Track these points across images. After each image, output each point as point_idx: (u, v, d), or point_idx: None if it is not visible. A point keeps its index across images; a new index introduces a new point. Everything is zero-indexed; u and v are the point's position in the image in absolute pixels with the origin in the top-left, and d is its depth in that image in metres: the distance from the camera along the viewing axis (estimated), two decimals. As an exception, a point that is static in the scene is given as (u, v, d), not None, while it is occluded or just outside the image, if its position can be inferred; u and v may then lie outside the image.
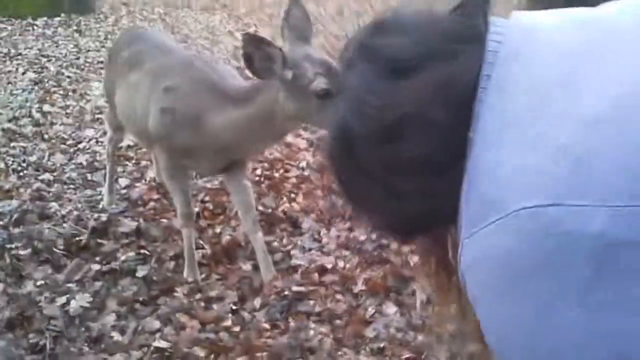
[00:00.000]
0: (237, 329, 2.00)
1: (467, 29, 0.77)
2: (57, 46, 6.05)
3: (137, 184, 3.10)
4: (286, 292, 2.16)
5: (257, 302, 2.15)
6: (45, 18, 7.14)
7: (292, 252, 2.45)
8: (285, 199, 2.91)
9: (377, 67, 0.78)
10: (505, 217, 0.63)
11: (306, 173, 3.17)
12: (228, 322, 2.02)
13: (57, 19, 7.21)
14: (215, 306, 2.12)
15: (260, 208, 2.79)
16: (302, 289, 2.18)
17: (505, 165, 0.66)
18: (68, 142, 3.61)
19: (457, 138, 0.73)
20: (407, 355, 1.83)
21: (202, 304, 2.13)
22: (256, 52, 1.76)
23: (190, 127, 2.04)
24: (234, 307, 2.11)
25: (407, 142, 0.76)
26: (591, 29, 0.73)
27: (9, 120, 3.93)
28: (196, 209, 2.76)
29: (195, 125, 2.03)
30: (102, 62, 5.44)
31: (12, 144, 3.54)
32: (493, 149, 0.68)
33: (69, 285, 2.25)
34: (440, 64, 0.75)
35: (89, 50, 5.89)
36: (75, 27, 6.87)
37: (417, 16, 0.81)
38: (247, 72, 1.92)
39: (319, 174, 3.11)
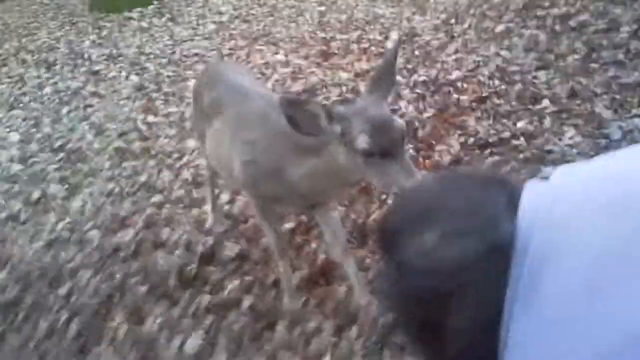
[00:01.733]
0: (336, 365, 2.12)
1: (493, 239, 0.78)
2: (154, 40, 6.33)
3: (238, 198, 3.26)
4: (381, 319, 2.24)
5: (354, 331, 2.24)
6: (140, 8, 7.45)
7: (385, 270, 2.50)
8: (376, 203, 2.95)
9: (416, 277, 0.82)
10: None
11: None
12: (327, 358, 2.14)
13: (151, 7, 7.49)
14: (314, 340, 2.24)
15: (353, 216, 2.86)
16: (396, 315, 2.24)
17: None
18: (173, 156, 3.83)
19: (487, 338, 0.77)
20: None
21: (303, 338, 2.26)
22: (297, 113, 1.75)
23: (272, 178, 2.11)
24: (332, 339, 2.22)
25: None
26: (622, 219, 0.71)
27: (119, 136, 4.24)
28: (291, 224, 2.90)
29: (276, 176, 2.09)
30: (196, 54, 5.66)
31: (123, 164, 3.84)
32: None
33: (184, 320, 2.47)
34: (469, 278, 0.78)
35: (183, 41, 6.11)
36: (168, 15, 7.11)
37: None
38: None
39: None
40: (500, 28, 4.60)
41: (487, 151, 3.14)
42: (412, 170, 1.70)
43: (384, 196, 3.01)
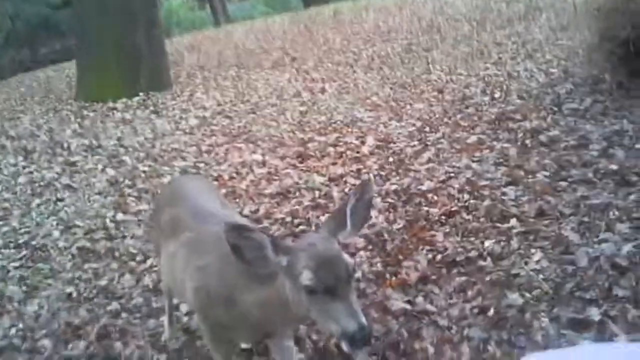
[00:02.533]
0: None
1: None
2: (135, 133, 6.37)
3: (197, 309, 3.15)
4: None
5: None
6: (125, 99, 7.56)
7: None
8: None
9: None
10: None
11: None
12: None
13: (136, 98, 7.60)
14: None
15: (314, 337, 2.76)
16: None
17: None
18: (137, 259, 3.75)
19: None
20: None
21: None
22: (243, 242, 1.69)
23: (223, 305, 2.04)
24: None
25: None
26: None
27: (85, 234, 4.17)
28: (249, 345, 2.78)
29: (226, 304, 2.02)
30: (175, 149, 5.68)
31: (85, 266, 3.74)
32: None
33: None
34: None
35: (164, 135, 6.15)
36: (152, 107, 7.21)
37: None
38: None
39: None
40: (472, 139, 4.68)
41: (454, 270, 3.09)
42: (357, 312, 1.63)
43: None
